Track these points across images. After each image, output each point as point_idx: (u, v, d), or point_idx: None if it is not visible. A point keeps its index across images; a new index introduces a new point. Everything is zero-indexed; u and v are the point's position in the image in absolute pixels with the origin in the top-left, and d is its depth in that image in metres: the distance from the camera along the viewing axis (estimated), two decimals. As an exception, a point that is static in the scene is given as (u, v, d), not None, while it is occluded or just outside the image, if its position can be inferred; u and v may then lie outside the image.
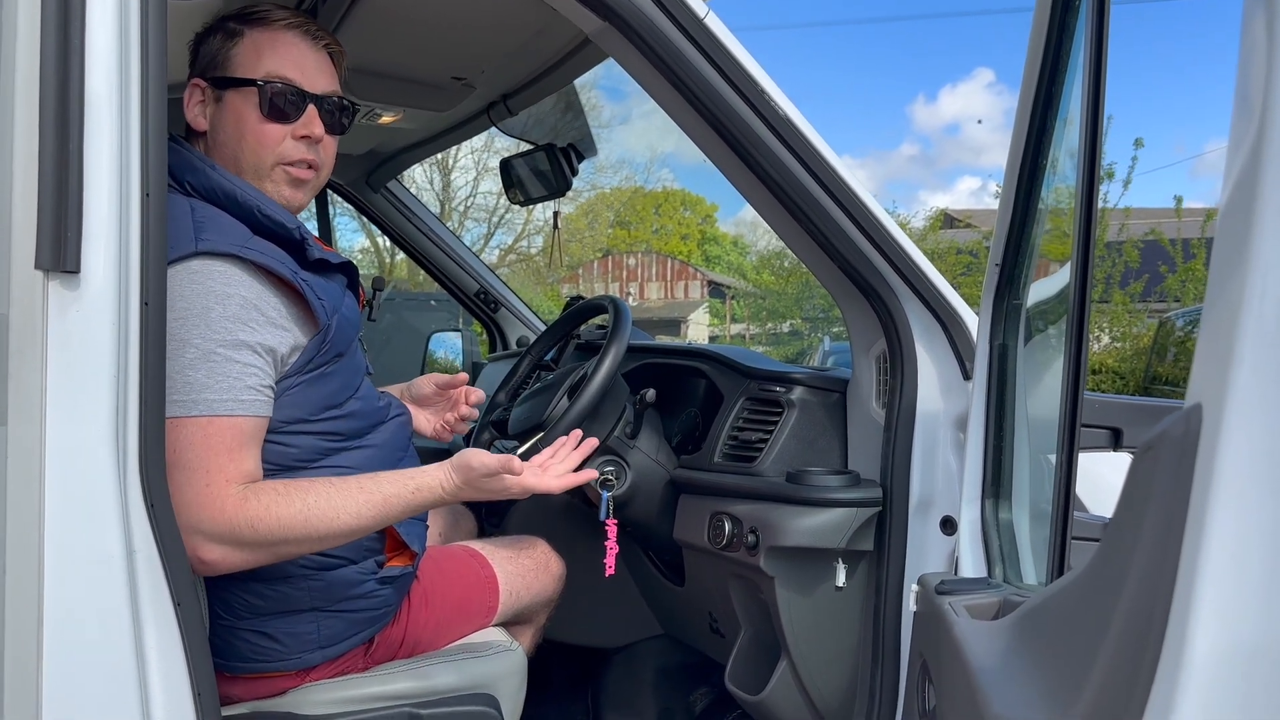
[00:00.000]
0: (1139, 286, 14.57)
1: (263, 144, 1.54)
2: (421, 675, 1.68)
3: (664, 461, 2.21)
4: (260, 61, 1.54)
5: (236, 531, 1.36)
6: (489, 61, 2.42)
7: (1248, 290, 0.57)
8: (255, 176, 1.54)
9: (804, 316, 23.79)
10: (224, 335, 1.37)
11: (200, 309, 1.37)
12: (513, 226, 26.16)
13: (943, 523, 1.84)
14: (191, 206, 1.45)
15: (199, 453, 1.35)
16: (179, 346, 1.35)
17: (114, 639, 1.18)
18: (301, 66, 1.56)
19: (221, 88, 1.55)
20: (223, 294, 1.38)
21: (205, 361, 1.36)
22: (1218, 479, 0.57)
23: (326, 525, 1.41)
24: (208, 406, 1.36)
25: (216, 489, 1.36)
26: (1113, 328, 14.62)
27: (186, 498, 1.34)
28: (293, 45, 1.57)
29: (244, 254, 1.41)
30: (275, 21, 1.57)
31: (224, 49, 1.56)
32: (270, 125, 1.54)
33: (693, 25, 1.55)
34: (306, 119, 1.56)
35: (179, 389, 1.34)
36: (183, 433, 1.35)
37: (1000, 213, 1.57)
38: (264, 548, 1.39)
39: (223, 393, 1.37)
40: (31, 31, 1.14)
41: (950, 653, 1.13)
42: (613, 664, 2.70)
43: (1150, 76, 68.48)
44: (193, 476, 1.35)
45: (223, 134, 1.55)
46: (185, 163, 1.50)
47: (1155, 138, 70.07)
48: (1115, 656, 0.65)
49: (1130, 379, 13.17)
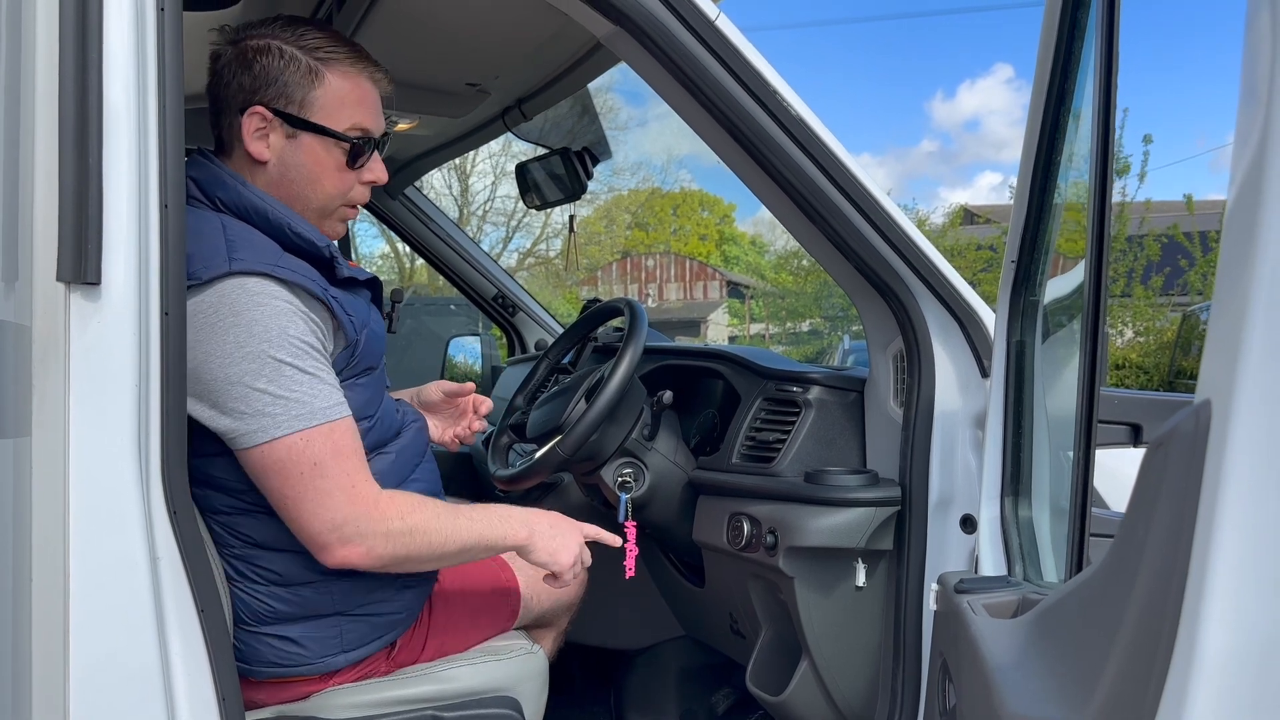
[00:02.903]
0: (1160, 281, 14.45)
1: (339, 190, 1.58)
2: (443, 678, 1.70)
3: (682, 463, 2.21)
4: (344, 111, 1.55)
5: (388, 522, 1.42)
6: (503, 67, 2.43)
7: (1255, 285, 0.57)
8: (320, 216, 1.59)
9: (823, 315, 23.73)
10: (307, 349, 1.41)
11: (279, 329, 1.39)
12: (531, 230, 26.28)
13: (962, 521, 1.83)
14: (223, 224, 1.46)
15: (335, 457, 1.40)
16: (275, 366, 1.38)
17: (139, 645, 1.20)
18: (376, 115, 1.61)
19: (298, 126, 1.53)
20: (289, 311, 1.41)
21: (305, 375, 1.40)
22: (1227, 474, 0.57)
23: (443, 535, 1.48)
24: (324, 415, 1.40)
25: (362, 487, 1.42)
26: (1135, 322, 14.52)
27: (336, 499, 1.40)
28: (369, 93, 1.60)
29: (276, 272, 1.42)
30: (352, 64, 1.57)
31: (303, 89, 1.52)
32: (348, 174, 1.58)
33: (704, 27, 1.55)
34: (373, 164, 1.61)
35: (295, 404, 1.38)
36: (314, 443, 1.39)
37: (1015, 209, 1.56)
38: (406, 539, 1.44)
39: (328, 399, 1.42)
40: (50, 45, 1.16)
41: (969, 651, 1.13)
42: (634, 666, 2.70)
43: (1170, 68, 67.90)
44: (339, 480, 1.40)
45: (294, 172, 1.55)
46: (215, 178, 1.51)
47: (1176, 131, 69.54)
48: (1129, 653, 0.65)
49: (1154, 374, 13.07)
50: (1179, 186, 46.32)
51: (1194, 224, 14.76)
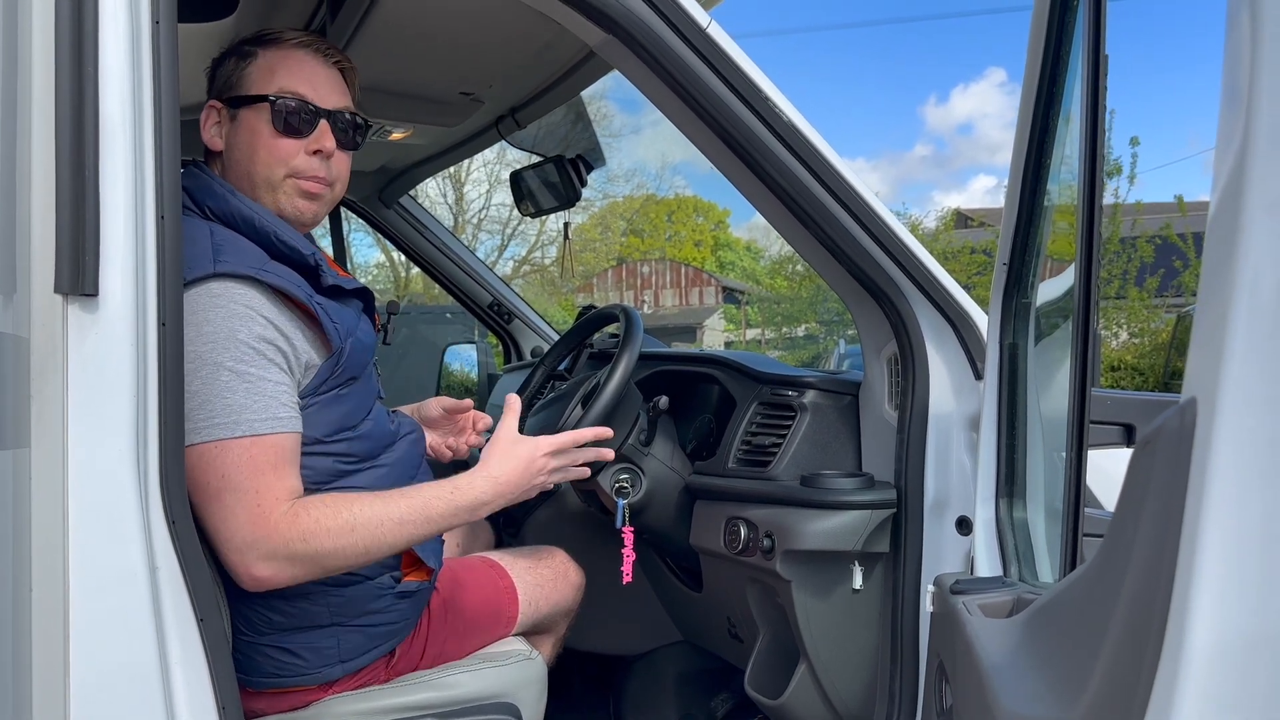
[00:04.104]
0: (1155, 282, 14.47)
1: (275, 157, 1.57)
2: (442, 685, 1.70)
3: (679, 468, 2.22)
4: (273, 79, 1.57)
5: (290, 546, 1.38)
6: (496, 77, 2.44)
7: (1237, 285, 0.58)
8: (268, 189, 1.57)
9: (819, 320, 23.73)
10: (254, 355, 1.40)
11: (226, 331, 1.39)
12: (526, 238, 26.27)
13: (958, 523, 1.84)
14: (210, 230, 1.48)
15: (247, 473, 1.38)
16: (212, 370, 1.37)
17: (139, 654, 1.20)
18: (313, 83, 1.59)
19: (236, 106, 1.58)
20: (246, 315, 1.41)
21: (241, 382, 1.38)
22: (1213, 472, 0.58)
23: (372, 534, 1.44)
24: (250, 426, 1.38)
25: (268, 507, 1.38)
26: (1130, 324, 14.53)
27: (239, 518, 1.37)
28: (304, 62, 1.60)
29: (261, 276, 1.43)
30: (287, 41, 1.61)
31: (238, 70, 1.60)
32: (283, 140, 1.57)
33: (695, 35, 1.56)
34: (319, 134, 1.59)
35: (219, 412, 1.37)
36: (228, 455, 1.37)
37: (1006, 212, 1.57)
38: (315, 561, 1.41)
39: (262, 412, 1.39)
40: (46, 59, 1.16)
41: (964, 651, 1.14)
42: (633, 671, 2.70)
43: (1161, 70, 68.11)
44: (243, 497, 1.37)
45: (237, 151, 1.58)
46: (205, 187, 1.53)
47: (1168, 132, 69.64)
48: (1118, 649, 0.66)
49: (1150, 375, 13.09)
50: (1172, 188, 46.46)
51: (1187, 225, 14.79)
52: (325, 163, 1.60)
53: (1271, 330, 0.58)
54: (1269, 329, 0.58)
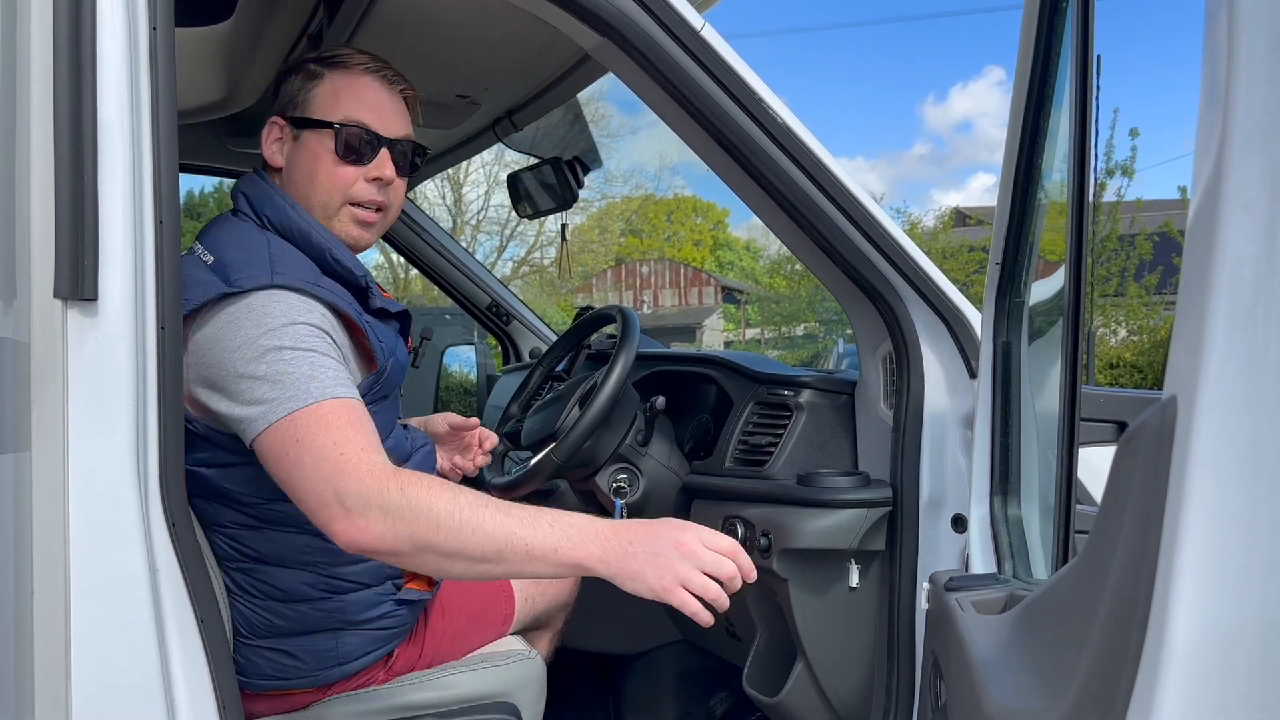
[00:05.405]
0: (1154, 279, 14.48)
1: (334, 184, 1.58)
2: (441, 686, 1.71)
3: (676, 468, 2.23)
4: (338, 104, 1.58)
5: (385, 492, 1.26)
6: (493, 79, 2.45)
7: (1216, 283, 0.59)
8: (323, 215, 1.58)
9: (817, 319, 23.74)
10: (314, 339, 1.40)
11: (285, 320, 1.39)
12: (525, 239, 26.30)
13: (954, 521, 1.85)
14: (268, 240, 1.49)
15: (321, 431, 1.31)
16: (274, 354, 1.35)
17: (139, 656, 1.21)
18: (378, 110, 1.60)
19: (299, 127, 1.59)
20: (305, 309, 1.42)
21: (304, 358, 1.36)
22: (1192, 468, 0.59)
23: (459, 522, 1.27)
24: (320, 393, 1.34)
25: (353, 454, 1.29)
26: (1129, 321, 14.53)
27: (323, 473, 1.28)
28: (369, 88, 1.60)
29: (315, 291, 1.45)
30: (355, 65, 1.61)
31: (304, 90, 1.60)
32: (344, 167, 1.58)
33: (689, 38, 1.57)
34: (379, 162, 1.60)
35: (287, 387, 1.33)
36: (299, 423, 1.32)
37: (998, 212, 1.58)
38: (410, 521, 1.25)
39: (328, 382, 1.36)
40: (44, 64, 1.18)
41: (957, 647, 1.15)
42: (632, 670, 2.71)
43: (1159, 66, 68.10)
44: (323, 454, 1.29)
45: (297, 171, 1.59)
46: (266, 197, 1.55)
47: (1166, 129, 69.66)
48: (1102, 643, 0.67)
49: (1149, 372, 13.10)
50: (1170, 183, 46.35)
51: (1186, 221, 14.75)
52: (383, 189, 1.61)
53: (1249, 328, 0.59)
54: (1247, 327, 0.59)
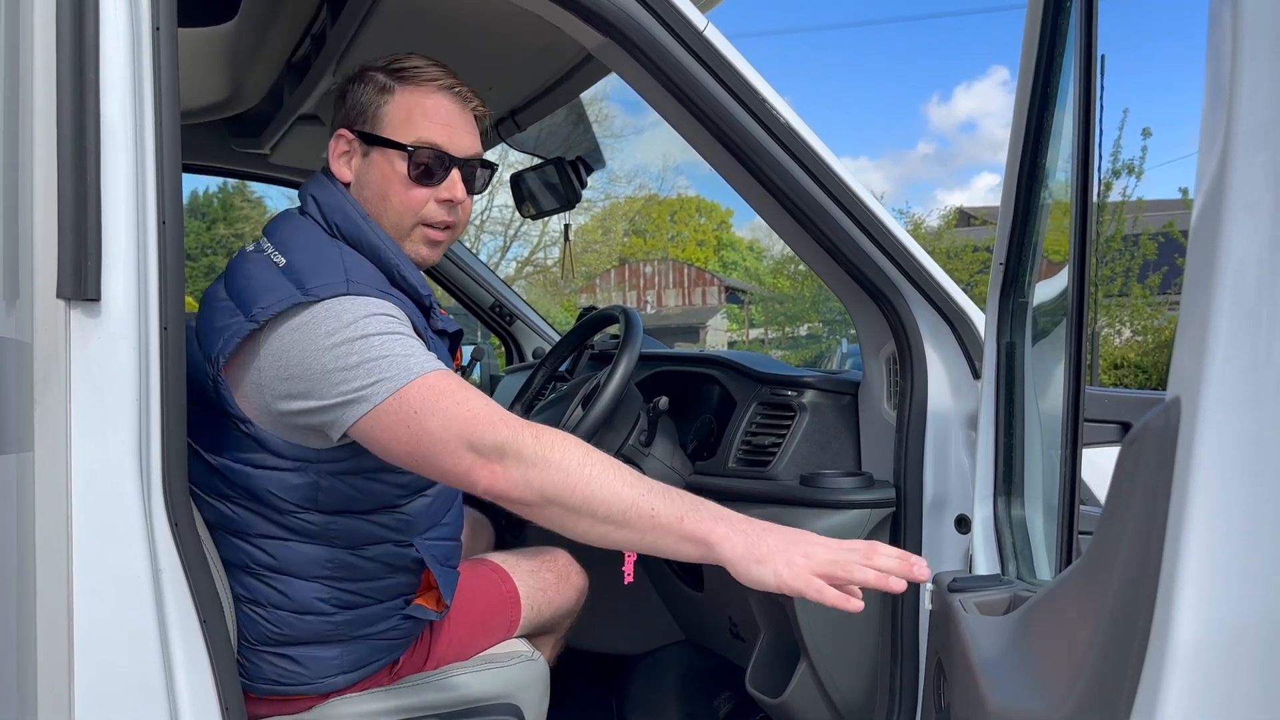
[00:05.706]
0: (1158, 279, 14.46)
1: (406, 206, 1.56)
2: (445, 687, 1.71)
3: (679, 468, 2.22)
4: (411, 126, 1.55)
5: (520, 440, 1.26)
6: (496, 79, 2.45)
7: (1220, 283, 0.59)
8: (395, 235, 1.57)
9: (821, 320, 23.72)
10: (397, 326, 1.40)
11: (366, 313, 1.38)
12: (529, 239, 26.33)
13: (957, 521, 1.85)
14: (340, 250, 1.49)
15: (440, 399, 1.30)
16: (363, 342, 1.34)
17: (142, 656, 1.21)
18: (450, 130, 1.58)
19: (369, 143, 1.57)
20: (382, 306, 1.41)
21: (396, 338, 1.37)
22: (1196, 469, 0.59)
23: (590, 478, 1.26)
24: (421, 366, 1.33)
25: (479, 409, 1.29)
26: (1134, 321, 14.51)
27: (454, 428, 1.28)
28: (442, 107, 1.58)
29: (388, 297, 1.45)
30: (427, 81, 1.58)
31: (375, 104, 1.57)
32: (416, 189, 1.56)
33: (692, 38, 1.57)
34: (450, 182, 1.58)
35: (384, 368, 1.32)
36: (410, 395, 1.31)
37: (1002, 213, 1.58)
38: (542, 469, 1.25)
39: (424, 358, 1.36)
40: (48, 65, 1.18)
41: (960, 648, 1.15)
42: (636, 671, 2.71)
43: (1165, 66, 68.02)
44: (449, 415, 1.28)
45: (368, 190, 1.57)
46: (338, 205, 1.54)
47: (1173, 129, 69.52)
48: (1106, 644, 0.67)
49: (1153, 373, 13.08)
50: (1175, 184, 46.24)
51: (1190, 221, 14.73)
52: (453, 209, 1.60)
53: (1253, 329, 0.59)
54: (1251, 327, 0.59)
